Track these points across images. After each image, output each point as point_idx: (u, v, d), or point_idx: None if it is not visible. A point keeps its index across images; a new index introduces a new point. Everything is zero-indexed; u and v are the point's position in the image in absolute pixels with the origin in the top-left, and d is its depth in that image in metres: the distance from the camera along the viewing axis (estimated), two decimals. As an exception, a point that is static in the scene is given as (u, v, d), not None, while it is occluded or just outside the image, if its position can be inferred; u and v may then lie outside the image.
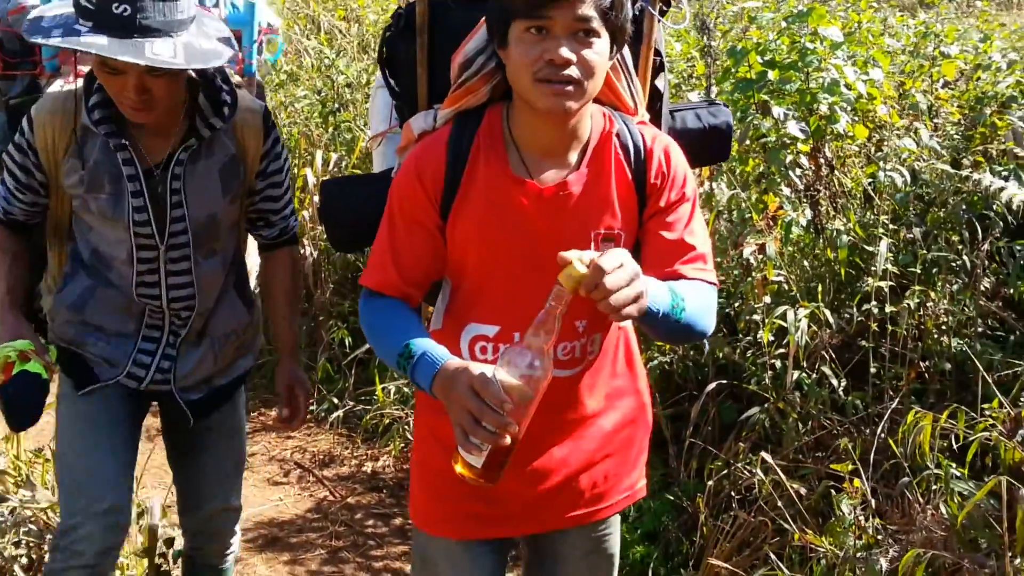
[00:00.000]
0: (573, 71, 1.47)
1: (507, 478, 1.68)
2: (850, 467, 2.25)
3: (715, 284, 1.64)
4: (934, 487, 2.30)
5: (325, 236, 4.64)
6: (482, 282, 1.63)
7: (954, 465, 2.20)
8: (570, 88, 1.48)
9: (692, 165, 1.71)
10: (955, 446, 2.30)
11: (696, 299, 1.55)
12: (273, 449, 3.88)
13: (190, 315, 2.06)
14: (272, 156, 2.08)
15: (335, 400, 4.10)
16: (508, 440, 1.37)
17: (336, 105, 5.01)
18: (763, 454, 2.62)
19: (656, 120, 1.80)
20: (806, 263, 3.30)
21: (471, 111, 1.62)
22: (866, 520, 2.12)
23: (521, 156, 1.59)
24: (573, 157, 1.60)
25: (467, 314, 1.65)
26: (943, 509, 2.18)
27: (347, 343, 4.15)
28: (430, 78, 1.73)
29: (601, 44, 1.50)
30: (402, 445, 3.71)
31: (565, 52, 1.46)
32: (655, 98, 1.81)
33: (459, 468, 1.43)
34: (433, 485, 1.75)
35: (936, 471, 2.30)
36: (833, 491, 2.76)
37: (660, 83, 1.81)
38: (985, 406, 2.30)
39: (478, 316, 1.64)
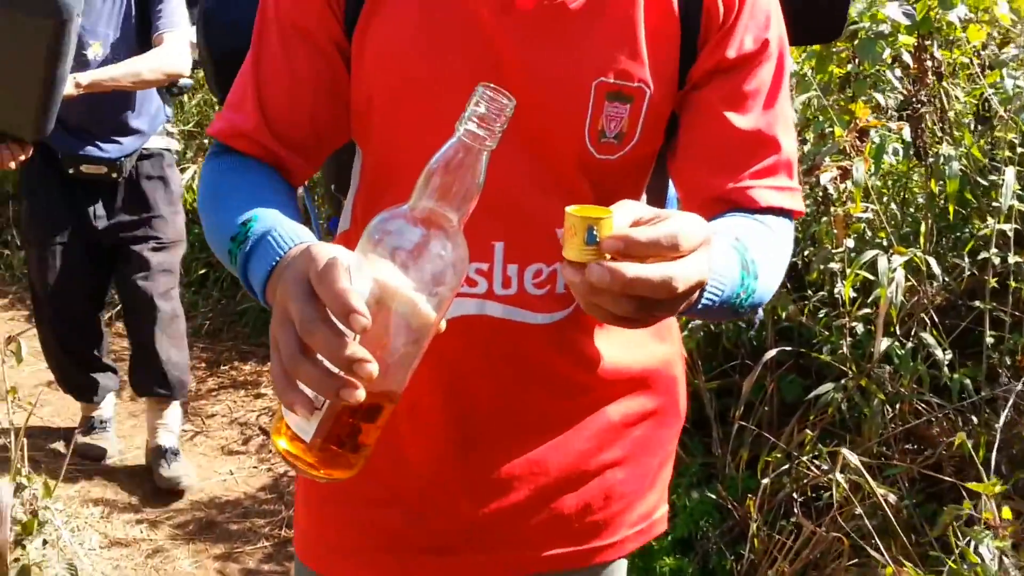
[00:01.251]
0: None
1: (445, 488, 1.04)
2: (997, 487, 1.53)
3: (799, 212, 0.98)
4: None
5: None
6: (407, 147, 0.96)
7: None
8: None
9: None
10: None
11: (772, 264, 0.90)
12: (237, 410, 3.27)
13: None
14: None
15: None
16: (357, 395, 0.66)
17: None
18: (844, 452, 1.92)
19: None
20: (900, 198, 2.56)
21: None
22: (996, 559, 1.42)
23: None
24: None
25: (383, 199, 0.98)
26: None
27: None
28: None
29: None
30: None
31: None
32: None
33: (280, 441, 0.74)
34: (327, 495, 1.09)
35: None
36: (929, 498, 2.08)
37: None
38: None
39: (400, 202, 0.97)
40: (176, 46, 2.59)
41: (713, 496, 2.36)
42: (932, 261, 2.20)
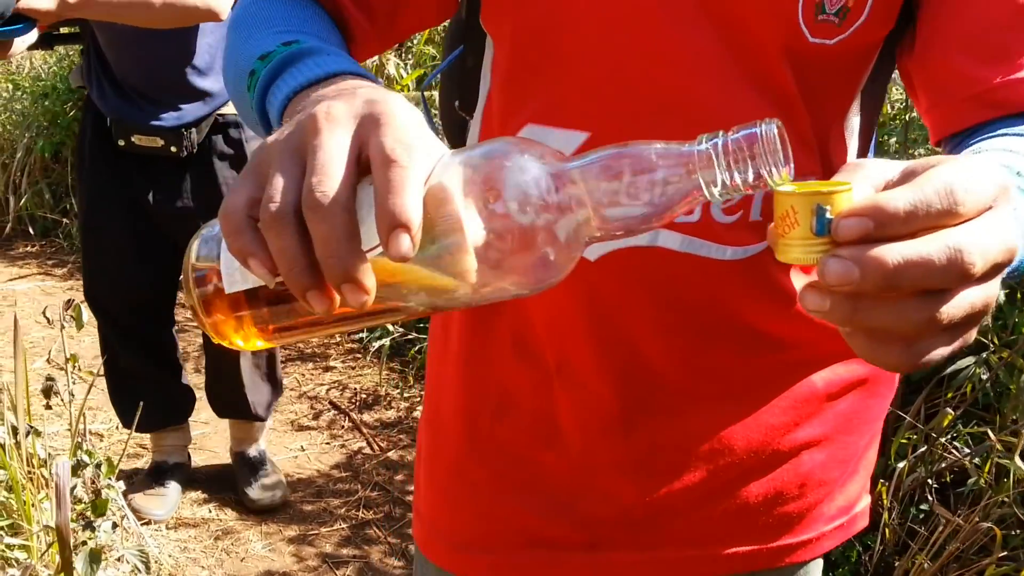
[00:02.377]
0: None
1: (599, 469, 0.85)
2: None
3: None
4: None
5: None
6: (558, 40, 0.75)
7: None
8: None
9: None
10: None
11: None
12: (306, 383, 3.12)
13: None
14: None
15: (388, 326, 3.30)
16: (326, 309, 0.46)
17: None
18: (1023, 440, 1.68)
19: None
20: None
21: None
22: None
23: None
24: None
25: (524, 107, 0.77)
26: None
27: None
28: None
29: None
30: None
31: None
32: None
33: (192, 283, 0.52)
34: (455, 475, 0.90)
35: None
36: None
37: None
38: None
39: (546, 112, 0.76)
40: None
41: (834, 481, 2.13)
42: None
